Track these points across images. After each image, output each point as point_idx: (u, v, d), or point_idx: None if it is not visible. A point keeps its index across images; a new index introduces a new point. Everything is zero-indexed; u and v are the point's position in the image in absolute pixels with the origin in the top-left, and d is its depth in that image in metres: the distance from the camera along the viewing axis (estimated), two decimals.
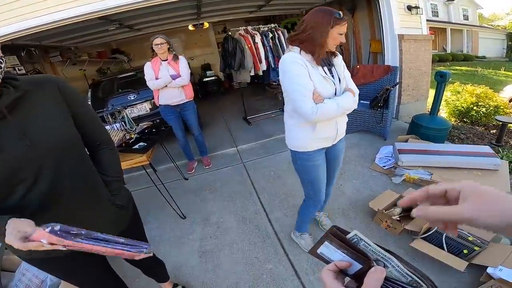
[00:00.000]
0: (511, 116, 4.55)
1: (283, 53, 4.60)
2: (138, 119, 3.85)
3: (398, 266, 0.40)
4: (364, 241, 0.41)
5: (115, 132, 2.31)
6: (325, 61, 1.48)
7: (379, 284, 0.37)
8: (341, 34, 1.36)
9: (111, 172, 1.12)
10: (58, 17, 2.85)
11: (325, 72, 1.44)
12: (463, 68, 12.22)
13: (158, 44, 2.72)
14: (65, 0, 2.79)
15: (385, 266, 0.41)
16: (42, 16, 2.82)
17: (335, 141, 1.63)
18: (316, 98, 1.36)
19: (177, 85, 2.90)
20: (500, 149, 3.33)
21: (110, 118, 2.46)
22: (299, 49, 1.41)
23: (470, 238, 1.84)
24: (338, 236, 0.42)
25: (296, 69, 1.36)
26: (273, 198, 2.76)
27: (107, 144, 1.15)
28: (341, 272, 0.42)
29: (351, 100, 1.46)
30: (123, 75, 4.71)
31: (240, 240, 2.30)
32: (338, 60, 1.54)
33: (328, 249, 0.43)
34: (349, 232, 0.43)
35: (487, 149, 2.72)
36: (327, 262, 0.44)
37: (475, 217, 0.35)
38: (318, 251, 0.44)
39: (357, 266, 0.41)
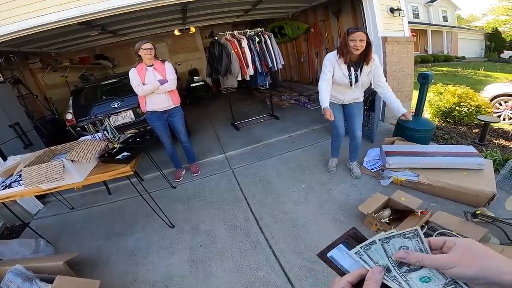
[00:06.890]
0: (492, 115, 4.70)
1: (270, 58, 4.61)
2: (123, 127, 3.76)
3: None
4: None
5: (96, 142, 2.23)
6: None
7: (378, 285, 0.37)
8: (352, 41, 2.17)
9: None
10: (44, 21, 2.73)
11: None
12: (444, 68, 12.62)
13: (148, 49, 2.67)
14: (50, 4, 2.68)
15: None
16: (26, 20, 2.69)
17: None
18: None
19: (164, 90, 2.84)
20: (483, 148, 3.41)
21: (91, 128, 2.37)
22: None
23: None
24: (357, 238, 0.41)
25: None
26: (262, 204, 2.72)
27: None
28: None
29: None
30: (106, 82, 4.59)
31: (231, 248, 2.25)
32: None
33: (340, 253, 0.42)
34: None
35: (471, 149, 2.78)
36: (335, 267, 0.42)
37: (453, 265, 0.38)
38: (329, 254, 0.42)
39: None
